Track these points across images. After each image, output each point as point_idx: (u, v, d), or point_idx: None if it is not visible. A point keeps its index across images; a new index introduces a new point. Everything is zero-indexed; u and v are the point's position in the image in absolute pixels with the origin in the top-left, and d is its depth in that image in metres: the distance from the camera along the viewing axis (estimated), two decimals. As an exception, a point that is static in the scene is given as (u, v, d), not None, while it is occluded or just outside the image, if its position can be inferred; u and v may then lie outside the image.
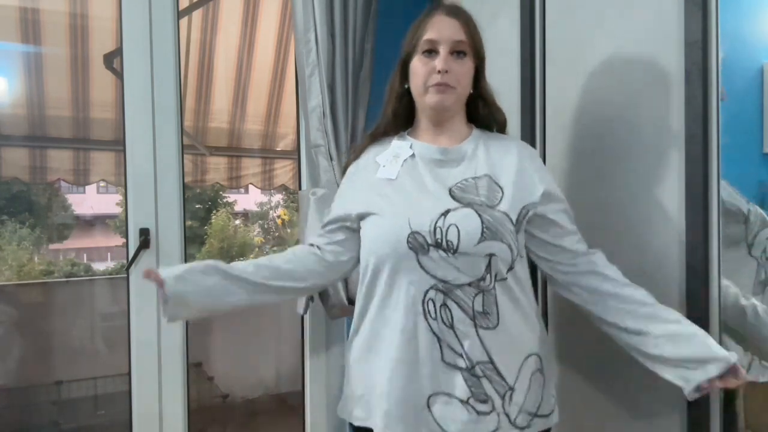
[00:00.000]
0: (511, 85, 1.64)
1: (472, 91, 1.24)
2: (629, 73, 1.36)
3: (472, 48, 1.20)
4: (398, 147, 1.24)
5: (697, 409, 1.21)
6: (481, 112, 1.27)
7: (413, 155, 1.22)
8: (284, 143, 3.75)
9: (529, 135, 1.59)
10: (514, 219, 1.13)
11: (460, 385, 1.11)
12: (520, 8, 1.62)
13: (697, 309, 1.21)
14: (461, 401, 1.11)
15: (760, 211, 1.41)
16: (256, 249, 5.69)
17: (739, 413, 1.38)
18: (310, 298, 1.76)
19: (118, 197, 3.95)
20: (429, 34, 1.19)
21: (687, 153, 1.22)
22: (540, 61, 1.59)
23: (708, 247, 1.20)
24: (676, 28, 1.24)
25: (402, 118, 1.28)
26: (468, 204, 1.12)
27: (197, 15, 3.11)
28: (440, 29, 1.18)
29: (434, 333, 1.11)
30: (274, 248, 5.71)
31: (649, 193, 1.32)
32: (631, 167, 1.35)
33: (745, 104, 1.52)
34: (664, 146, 1.28)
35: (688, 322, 1.13)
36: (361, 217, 1.21)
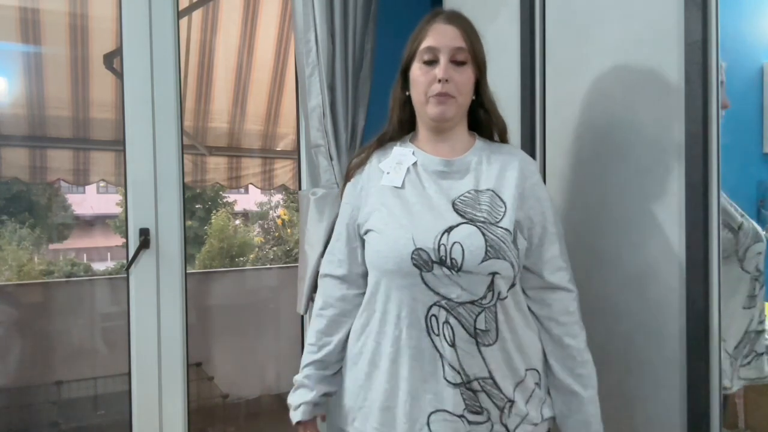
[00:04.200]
0: (511, 85, 1.64)
1: (474, 98, 1.23)
2: (629, 73, 1.36)
3: (472, 55, 1.18)
4: (401, 154, 1.23)
5: (697, 409, 1.21)
6: (483, 121, 1.27)
7: (415, 163, 1.21)
8: (284, 143, 3.75)
9: (528, 135, 1.59)
10: (512, 236, 1.14)
11: (457, 401, 1.12)
12: (520, 8, 1.62)
13: (697, 309, 1.21)
14: (457, 415, 1.12)
15: (753, 224, 1.41)
16: (256, 249, 5.69)
17: (739, 413, 1.38)
18: (311, 298, 1.76)
19: (118, 197, 3.95)
20: (428, 42, 1.18)
21: (687, 153, 1.22)
22: (540, 61, 1.59)
23: (708, 248, 1.20)
24: (676, 28, 1.24)
25: (407, 125, 1.28)
26: (471, 220, 1.12)
27: (197, 15, 3.12)
28: (440, 37, 1.17)
29: (437, 350, 1.11)
30: (274, 248, 5.71)
31: (649, 193, 1.32)
32: (631, 167, 1.35)
33: (745, 104, 1.52)
34: (663, 146, 1.28)
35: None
36: (367, 230, 1.21)
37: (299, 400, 1.26)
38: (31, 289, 3.65)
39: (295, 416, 1.26)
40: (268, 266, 5.43)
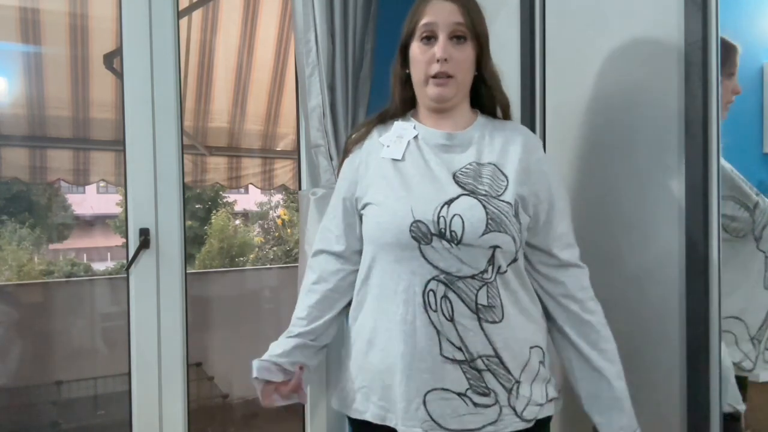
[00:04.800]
0: (511, 84, 1.64)
1: (476, 73, 1.20)
2: (629, 73, 1.36)
3: (472, 31, 1.16)
4: (402, 128, 1.21)
5: (697, 409, 1.21)
6: (485, 97, 1.24)
7: (416, 137, 1.19)
8: (284, 143, 3.75)
9: (529, 135, 1.59)
10: (514, 210, 1.11)
11: (457, 378, 1.09)
12: (520, 8, 1.62)
13: (697, 309, 1.21)
14: (458, 394, 1.09)
15: None
16: (256, 249, 5.69)
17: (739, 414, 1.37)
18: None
19: (118, 197, 3.95)
20: (426, 18, 1.16)
21: (687, 152, 1.22)
22: (540, 61, 1.59)
23: (708, 247, 1.20)
24: (676, 28, 1.24)
25: (409, 102, 1.26)
26: (472, 192, 1.10)
27: (197, 15, 3.12)
28: (437, 13, 1.15)
29: (434, 326, 1.09)
30: (274, 248, 5.71)
31: (649, 193, 1.32)
32: (632, 167, 1.35)
33: (745, 104, 1.52)
34: (664, 146, 1.28)
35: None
36: (365, 203, 1.18)
37: (268, 355, 1.21)
38: (31, 289, 3.65)
39: (258, 370, 1.21)
40: (268, 266, 5.43)
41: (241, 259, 5.39)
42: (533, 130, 1.60)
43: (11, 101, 2.92)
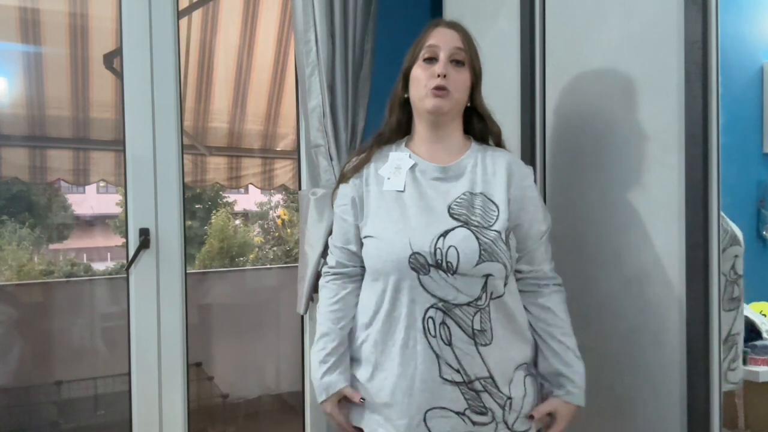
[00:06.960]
0: (511, 84, 1.64)
1: (469, 104, 1.28)
2: (629, 72, 1.36)
3: (469, 59, 1.24)
4: (398, 159, 1.27)
5: (697, 409, 1.21)
6: (477, 126, 1.31)
7: (413, 167, 1.25)
8: (284, 143, 3.75)
9: (528, 135, 1.59)
10: (504, 237, 1.18)
11: (456, 399, 1.16)
12: (520, 8, 1.62)
13: (697, 309, 1.21)
14: (457, 413, 1.16)
15: (732, 227, 1.41)
16: (256, 249, 5.69)
17: (739, 413, 1.38)
18: (311, 298, 1.76)
19: (118, 197, 3.95)
20: (430, 41, 1.24)
21: (687, 153, 1.22)
22: (540, 61, 1.59)
23: (708, 247, 1.20)
24: (676, 28, 1.24)
25: (404, 126, 1.32)
26: (465, 223, 1.17)
27: (197, 15, 3.11)
28: (441, 37, 1.25)
29: (433, 350, 1.16)
30: (274, 248, 5.71)
31: (649, 193, 1.32)
32: (631, 167, 1.35)
33: (745, 104, 1.52)
34: (663, 146, 1.28)
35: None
36: (366, 235, 1.24)
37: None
38: (31, 289, 3.65)
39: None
40: (268, 266, 5.42)
41: (241, 259, 5.38)
42: (533, 130, 1.60)
43: (11, 101, 2.92)
